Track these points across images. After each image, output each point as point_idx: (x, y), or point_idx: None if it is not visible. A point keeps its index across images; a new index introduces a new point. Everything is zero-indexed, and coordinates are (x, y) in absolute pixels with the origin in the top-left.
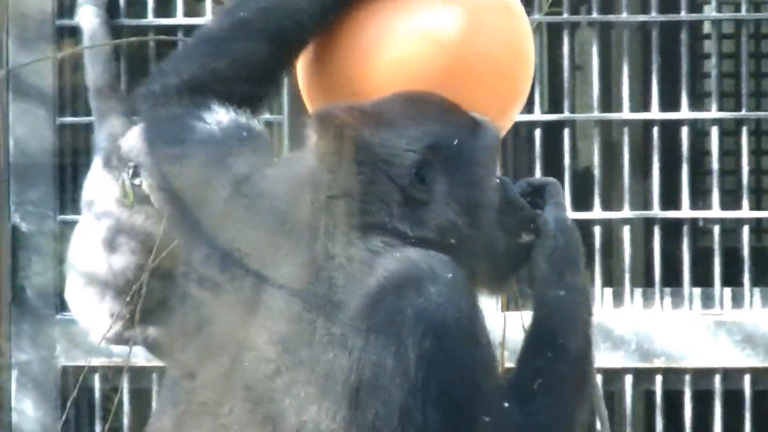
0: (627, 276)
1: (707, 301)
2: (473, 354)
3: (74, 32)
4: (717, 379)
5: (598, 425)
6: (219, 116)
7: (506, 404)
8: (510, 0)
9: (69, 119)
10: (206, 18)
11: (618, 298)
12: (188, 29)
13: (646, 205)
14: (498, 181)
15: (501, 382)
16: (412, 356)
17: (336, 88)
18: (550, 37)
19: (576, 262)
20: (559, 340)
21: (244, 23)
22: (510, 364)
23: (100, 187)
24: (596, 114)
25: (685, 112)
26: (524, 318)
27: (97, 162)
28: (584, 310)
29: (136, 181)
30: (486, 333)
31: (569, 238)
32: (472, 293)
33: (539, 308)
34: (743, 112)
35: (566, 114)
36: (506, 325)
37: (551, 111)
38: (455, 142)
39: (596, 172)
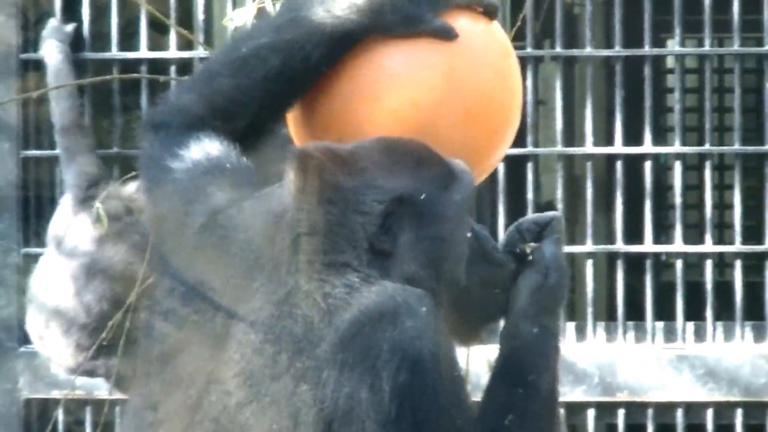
0: (590, 310)
1: (670, 335)
2: (447, 388)
3: (39, 66)
4: (679, 413)
5: None
6: (208, 148)
7: None
8: (508, 44)
9: (33, 152)
10: (170, 52)
11: (581, 332)
12: (152, 63)
13: (609, 239)
14: (472, 233)
15: (473, 417)
16: (387, 389)
17: (334, 128)
18: None
19: (557, 304)
20: (530, 377)
21: (245, 60)
22: (472, 398)
23: (69, 223)
24: (559, 148)
25: (648, 147)
26: (488, 352)
27: (66, 199)
28: (555, 352)
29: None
30: (459, 367)
31: (559, 278)
32: (446, 328)
33: (510, 339)
34: (706, 147)
35: (529, 148)
36: (469, 359)
37: (514, 145)
38: (423, 196)
39: (559, 206)
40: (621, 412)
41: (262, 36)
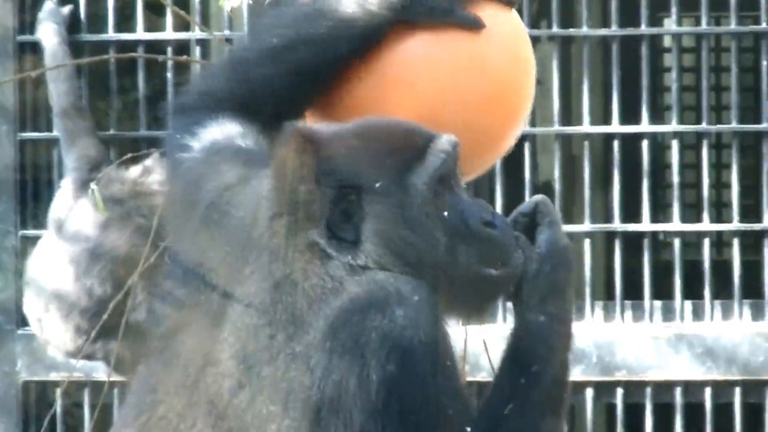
0: (588, 289)
1: (668, 314)
2: (437, 378)
3: (36, 48)
4: (678, 392)
5: None
6: (227, 130)
7: (474, 429)
8: (524, 29)
9: (30, 134)
10: (167, 33)
11: (579, 311)
12: (149, 44)
13: (607, 218)
14: (454, 210)
15: (467, 406)
16: (375, 378)
17: (359, 114)
18: None
19: (561, 289)
20: (533, 366)
21: (275, 50)
22: (470, 378)
23: (70, 207)
24: (557, 127)
25: (645, 126)
26: (486, 332)
27: (67, 183)
28: (562, 339)
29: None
30: (452, 356)
31: (558, 263)
32: (439, 316)
33: (518, 330)
34: (703, 126)
35: (527, 128)
36: (467, 340)
37: None
38: (378, 185)
39: (557, 185)
40: (619, 392)
41: (292, 27)
